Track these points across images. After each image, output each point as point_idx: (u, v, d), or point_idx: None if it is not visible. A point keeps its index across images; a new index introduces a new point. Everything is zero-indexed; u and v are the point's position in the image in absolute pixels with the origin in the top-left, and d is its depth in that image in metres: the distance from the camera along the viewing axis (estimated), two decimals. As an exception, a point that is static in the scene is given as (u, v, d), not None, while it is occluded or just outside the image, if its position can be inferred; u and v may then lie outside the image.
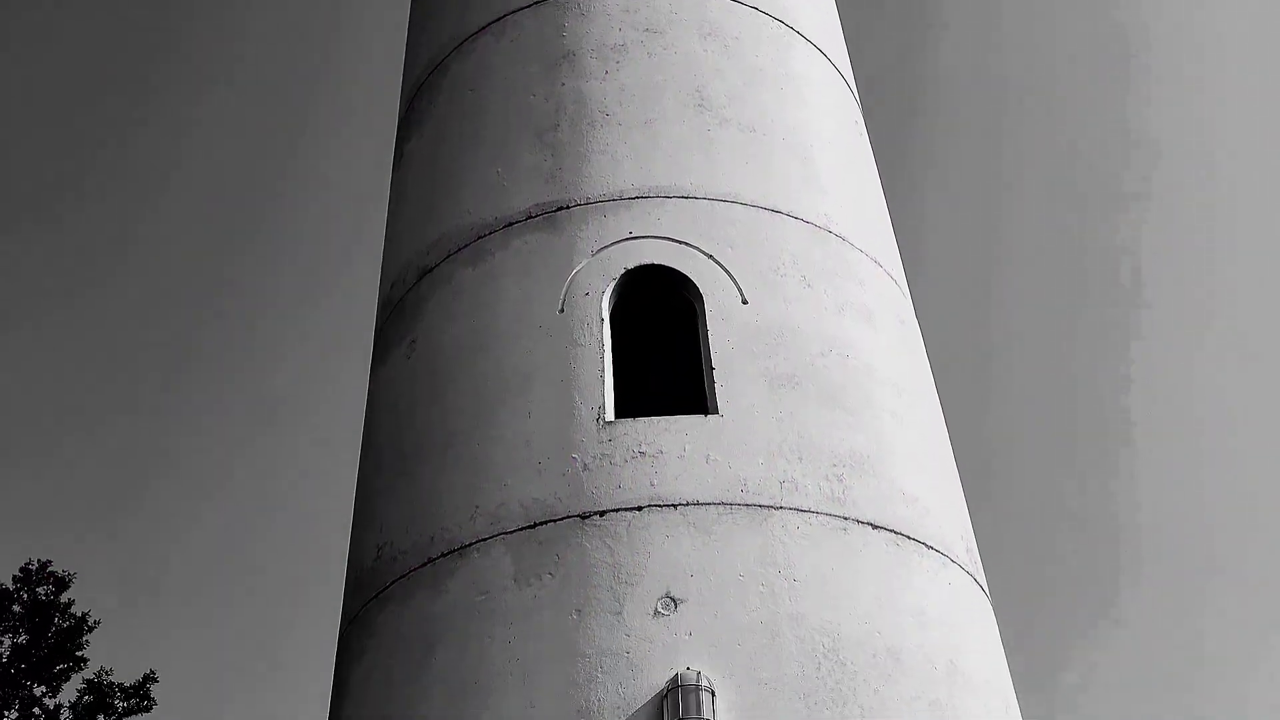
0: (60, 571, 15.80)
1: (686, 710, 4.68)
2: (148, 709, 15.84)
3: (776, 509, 5.42)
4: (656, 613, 5.07)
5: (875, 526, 5.56)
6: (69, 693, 15.49)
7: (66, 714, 15.18)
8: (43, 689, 15.28)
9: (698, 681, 4.76)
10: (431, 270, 6.71)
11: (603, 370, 5.83)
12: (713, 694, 4.75)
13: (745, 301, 6.08)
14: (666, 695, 4.76)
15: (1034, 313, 31.41)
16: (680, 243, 6.25)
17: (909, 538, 5.65)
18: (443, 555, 5.53)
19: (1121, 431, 28.81)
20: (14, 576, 15.50)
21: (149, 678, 15.92)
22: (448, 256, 6.65)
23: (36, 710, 15.08)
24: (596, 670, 4.94)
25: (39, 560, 15.74)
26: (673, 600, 5.10)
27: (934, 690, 5.16)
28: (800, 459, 5.62)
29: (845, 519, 5.50)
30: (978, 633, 5.73)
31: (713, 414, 5.71)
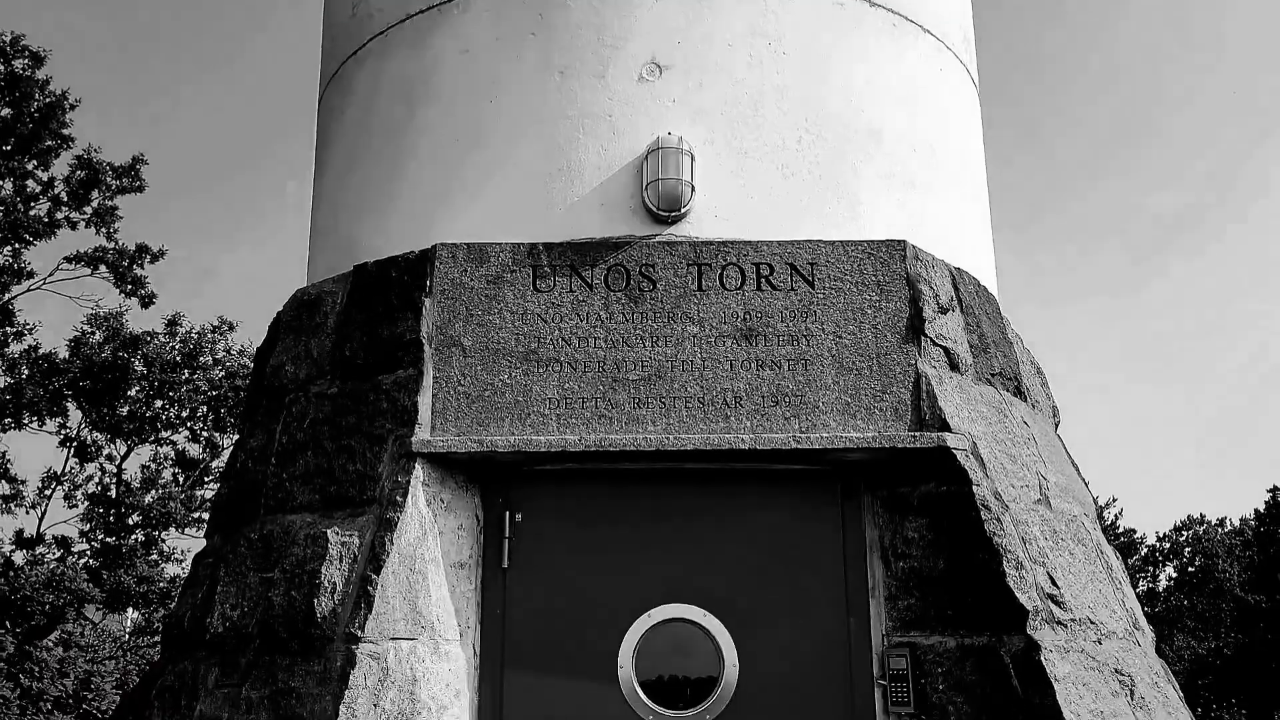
0: (35, 46, 15.39)
1: (665, 172, 4.75)
2: (140, 189, 16.23)
3: (772, -22, 5.14)
4: (641, 78, 4.98)
5: (872, 4, 5.33)
6: (60, 169, 15.75)
7: (61, 188, 15.54)
8: (34, 164, 15.50)
9: (678, 145, 4.79)
10: None
11: None
12: (692, 158, 4.80)
13: None
14: (646, 157, 4.81)
15: None
16: None
17: (906, 19, 5.45)
18: (421, 11, 5.31)
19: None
20: (-15, 47, 15.08)
21: (138, 159, 16.13)
22: None
23: (30, 184, 15.40)
24: (578, 132, 4.95)
25: (11, 32, 15.25)
26: (657, 66, 4.99)
27: (910, 171, 5.24)
28: (803, -75, 5.24)
29: (843, -6, 5.25)
30: (963, 121, 5.73)
31: None
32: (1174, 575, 32.06)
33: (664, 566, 4.60)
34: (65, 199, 15.54)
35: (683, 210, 4.79)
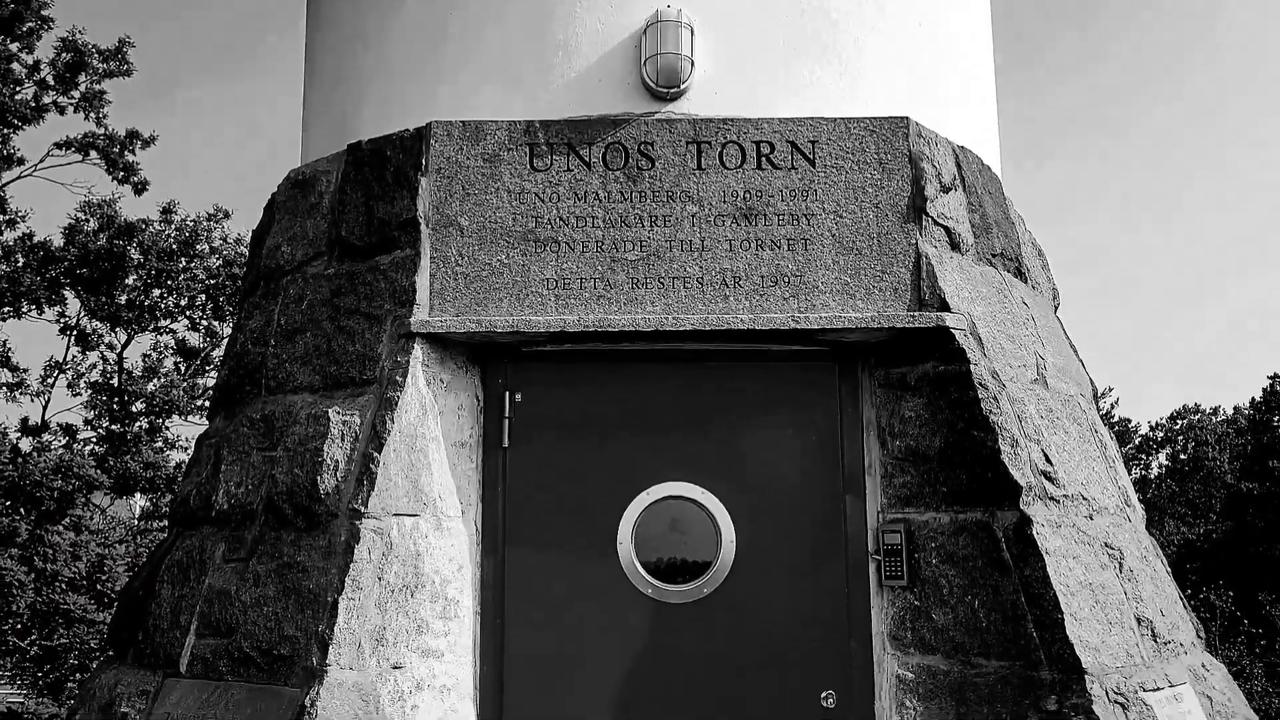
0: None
1: (664, 46, 4.64)
2: (128, 73, 15.89)
3: None
4: (639, -52, 4.82)
5: None
6: (45, 52, 15.40)
7: (46, 71, 15.22)
8: (17, 45, 15.15)
9: (678, 18, 4.67)
10: None
11: None
12: (691, 31, 4.69)
13: None
14: (645, 31, 4.70)
15: None
16: None
17: (915, -114, 5.25)
18: (411, -122, 5.11)
19: None
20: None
21: (124, 41, 15.76)
22: None
23: (15, 66, 15.07)
24: (575, 5, 4.82)
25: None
26: (657, -65, 4.83)
27: (915, 47, 5.12)
28: None
29: None
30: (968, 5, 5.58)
31: None
32: (1166, 463, 32.49)
33: (663, 446, 4.65)
34: (52, 83, 15.23)
35: (682, 86, 4.70)
